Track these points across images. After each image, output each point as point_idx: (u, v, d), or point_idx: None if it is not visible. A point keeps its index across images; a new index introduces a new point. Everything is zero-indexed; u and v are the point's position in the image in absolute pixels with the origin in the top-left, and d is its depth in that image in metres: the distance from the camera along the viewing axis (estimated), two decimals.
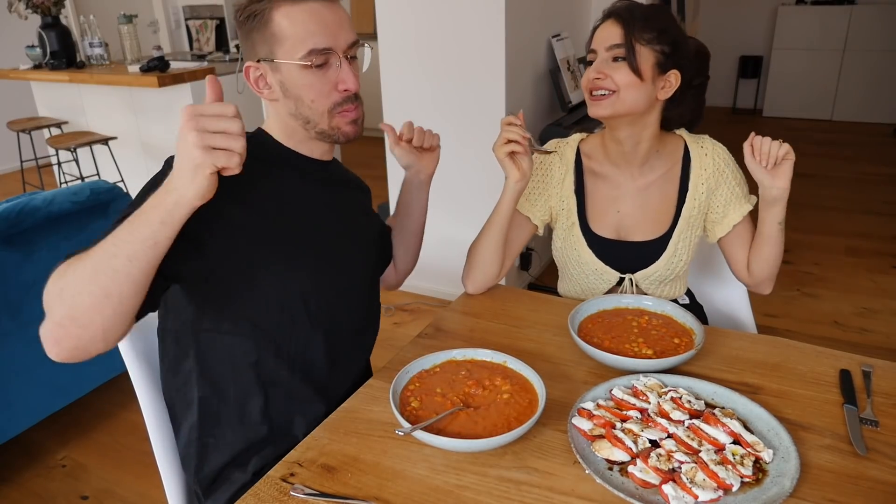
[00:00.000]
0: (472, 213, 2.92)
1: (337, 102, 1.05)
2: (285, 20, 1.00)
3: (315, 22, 1.00)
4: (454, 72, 2.73)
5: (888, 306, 2.94)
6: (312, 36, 1.00)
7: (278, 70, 1.02)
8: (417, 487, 0.86)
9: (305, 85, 1.02)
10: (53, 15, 3.99)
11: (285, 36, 1.00)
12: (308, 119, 1.06)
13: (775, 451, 0.87)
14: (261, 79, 1.05)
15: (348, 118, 1.07)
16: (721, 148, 1.39)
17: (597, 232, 1.40)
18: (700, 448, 0.87)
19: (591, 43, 1.30)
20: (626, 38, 1.23)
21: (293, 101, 1.04)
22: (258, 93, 1.06)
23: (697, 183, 1.37)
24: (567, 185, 1.41)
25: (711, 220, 1.39)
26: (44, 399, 2.11)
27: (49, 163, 4.60)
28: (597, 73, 1.26)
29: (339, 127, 1.07)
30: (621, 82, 1.25)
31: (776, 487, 0.82)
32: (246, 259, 1.02)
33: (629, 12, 1.26)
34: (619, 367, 1.08)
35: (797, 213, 4.07)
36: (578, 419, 0.94)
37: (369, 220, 1.30)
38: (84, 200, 2.07)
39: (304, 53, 1.00)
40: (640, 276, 1.39)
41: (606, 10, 1.30)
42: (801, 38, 6.21)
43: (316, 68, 1.01)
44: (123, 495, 2.00)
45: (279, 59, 1.01)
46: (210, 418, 1.09)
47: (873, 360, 1.10)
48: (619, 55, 1.24)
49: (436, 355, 1.08)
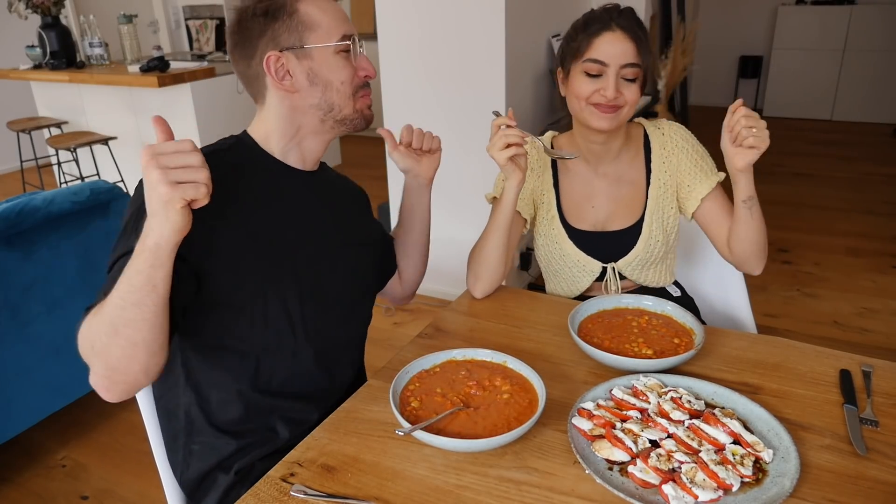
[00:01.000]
0: (472, 212, 2.92)
1: (359, 86, 1.09)
2: (314, 8, 1.04)
3: (338, 11, 1.07)
4: (454, 72, 2.73)
5: (888, 306, 2.94)
6: (344, 22, 1.07)
7: (308, 57, 1.04)
8: (417, 487, 0.86)
9: (338, 67, 1.06)
10: (53, 15, 3.99)
11: (317, 23, 1.03)
12: (333, 105, 1.07)
13: (775, 451, 0.87)
14: (281, 70, 1.04)
15: (368, 102, 1.12)
16: (678, 126, 1.42)
17: (574, 225, 1.42)
18: (700, 448, 0.87)
19: (595, 52, 1.26)
20: (641, 58, 1.24)
21: (321, 87, 1.06)
22: (277, 84, 1.05)
23: (659, 163, 1.40)
24: (547, 179, 1.44)
25: (682, 197, 1.40)
26: (44, 399, 2.11)
27: (49, 163, 4.60)
28: (615, 91, 1.25)
29: (362, 110, 1.11)
30: (631, 99, 1.27)
31: (776, 487, 0.82)
32: (228, 276, 1.01)
33: (636, 25, 1.25)
34: (619, 367, 1.08)
35: (797, 213, 4.08)
36: (578, 419, 0.94)
37: (365, 229, 1.27)
38: (84, 200, 2.07)
39: (339, 37, 1.05)
40: (622, 263, 1.41)
41: (605, 18, 1.27)
42: (801, 38, 6.21)
43: (346, 53, 1.06)
44: (123, 495, 2.00)
45: (311, 45, 1.03)
46: (195, 425, 1.09)
47: (873, 360, 1.10)
48: (634, 75, 1.25)
49: (436, 355, 1.08)
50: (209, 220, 0.94)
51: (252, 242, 1.04)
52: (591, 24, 1.28)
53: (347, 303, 1.19)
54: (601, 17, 1.28)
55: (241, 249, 1.02)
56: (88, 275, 2.15)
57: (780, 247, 3.59)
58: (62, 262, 2.07)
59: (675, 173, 1.39)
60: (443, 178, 3.31)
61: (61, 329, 2.10)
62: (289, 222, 1.09)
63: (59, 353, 2.11)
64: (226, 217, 1.00)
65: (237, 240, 1.02)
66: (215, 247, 0.99)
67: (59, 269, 2.06)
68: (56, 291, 2.07)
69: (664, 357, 1.08)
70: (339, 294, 1.16)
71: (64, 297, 2.09)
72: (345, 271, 1.18)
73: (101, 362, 0.87)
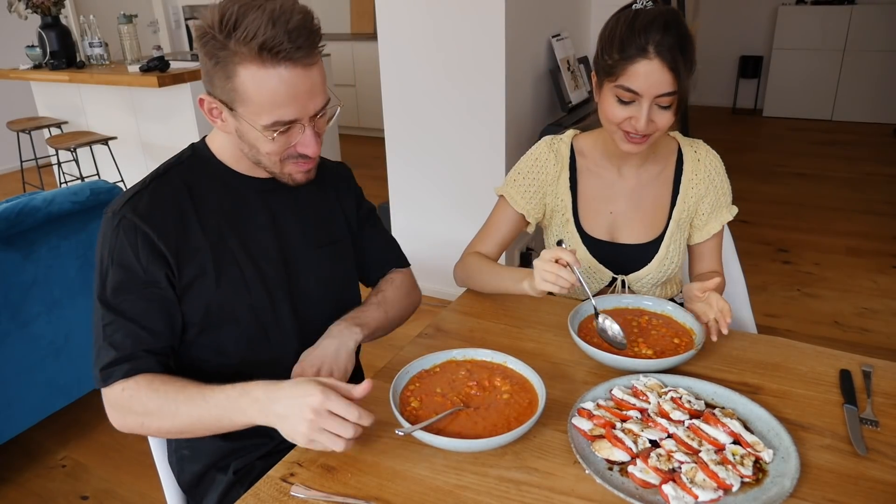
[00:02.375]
0: (472, 212, 2.92)
1: (292, 156, 1.00)
2: (251, 83, 0.90)
3: (285, 93, 0.91)
4: (454, 72, 2.73)
5: (888, 306, 2.94)
6: (279, 108, 0.92)
7: (236, 119, 0.96)
8: (417, 487, 0.86)
9: (264, 141, 0.96)
10: (53, 15, 3.99)
11: (250, 99, 0.92)
12: (258, 161, 1.02)
13: (775, 451, 0.87)
14: (216, 110, 0.98)
15: (303, 168, 1.03)
16: (714, 155, 1.38)
17: (588, 232, 1.40)
18: (700, 448, 0.87)
19: (628, 80, 1.16)
20: (679, 85, 1.16)
21: (247, 146, 1.00)
22: (211, 121, 1.00)
23: (688, 187, 1.37)
24: (563, 182, 1.40)
25: (695, 225, 1.40)
26: (44, 399, 2.11)
27: (49, 163, 4.60)
28: (647, 123, 1.18)
29: (291, 174, 1.03)
30: (663, 126, 1.21)
31: (776, 487, 0.81)
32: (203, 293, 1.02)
33: (676, 48, 1.14)
34: (620, 367, 1.08)
35: (797, 213, 4.08)
36: (578, 419, 0.94)
37: (333, 225, 1.19)
38: (84, 200, 2.07)
39: (268, 123, 0.94)
40: (633, 278, 1.39)
41: (642, 43, 1.14)
42: (801, 38, 6.20)
43: (279, 134, 0.96)
44: (123, 495, 2.00)
45: (239, 113, 0.95)
46: None
47: (873, 360, 1.10)
48: (669, 103, 1.18)
49: (436, 355, 1.08)
50: (173, 243, 0.99)
51: (218, 256, 1.03)
52: (628, 46, 1.15)
53: (331, 300, 1.18)
54: (638, 40, 1.14)
55: (208, 264, 1.02)
56: (88, 275, 2.15)
57: (780, 247, 3.59)
58: (62, 262, 2.07)
59: (699, 201, 1.37)
60: (443, 178, 3.30)
61: (61, 329, 2.10)
62: (248, 232, 1.07)
63: (59, 353, 2.11)
64: (187, 235, 1.01)
65: (203, 256, 1.02)
66: (185, 266, 1.00)
67: (59, 269, 2.06)
68: (56, 291, 2.07)
69: (664, 357, 1.08)
70: (318, 296, 1.15)
71: (64, 297, 2.09)
72: (318, 273, 1.15)
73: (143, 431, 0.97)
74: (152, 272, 0.98)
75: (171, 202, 1.01)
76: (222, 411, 0.90)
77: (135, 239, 0.97)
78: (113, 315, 0.97)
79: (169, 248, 0.98)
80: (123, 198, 1.00)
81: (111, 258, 0.98)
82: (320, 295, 1.15)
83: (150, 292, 0.98)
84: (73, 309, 2.13)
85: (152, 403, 0.93)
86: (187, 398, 0.92)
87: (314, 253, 1.15)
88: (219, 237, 1.04)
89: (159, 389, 0.94)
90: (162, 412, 0.93)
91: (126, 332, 0.96)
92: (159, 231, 0.98)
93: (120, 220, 0.98)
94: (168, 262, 0.99)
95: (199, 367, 1.06)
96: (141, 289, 0.98)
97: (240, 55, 0.89)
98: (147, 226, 0.97)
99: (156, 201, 1.00)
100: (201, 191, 1.04)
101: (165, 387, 0.94)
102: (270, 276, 1.08)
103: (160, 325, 0.99)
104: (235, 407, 0.89)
